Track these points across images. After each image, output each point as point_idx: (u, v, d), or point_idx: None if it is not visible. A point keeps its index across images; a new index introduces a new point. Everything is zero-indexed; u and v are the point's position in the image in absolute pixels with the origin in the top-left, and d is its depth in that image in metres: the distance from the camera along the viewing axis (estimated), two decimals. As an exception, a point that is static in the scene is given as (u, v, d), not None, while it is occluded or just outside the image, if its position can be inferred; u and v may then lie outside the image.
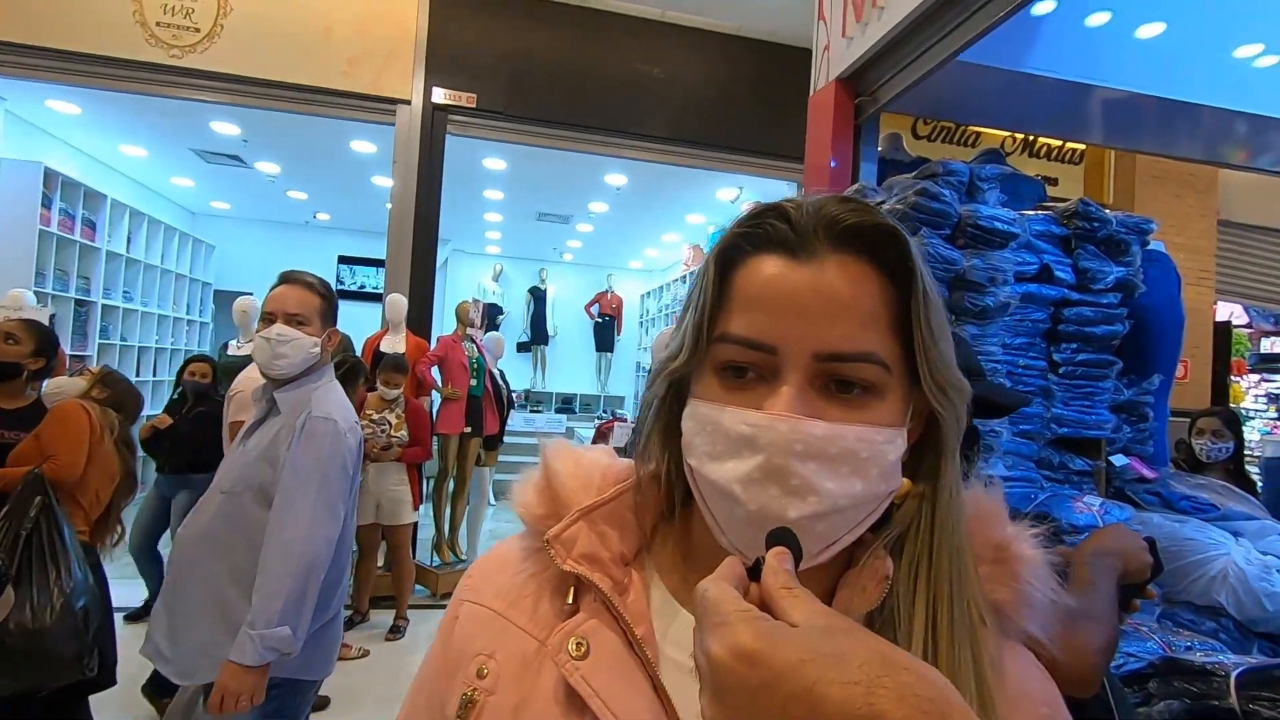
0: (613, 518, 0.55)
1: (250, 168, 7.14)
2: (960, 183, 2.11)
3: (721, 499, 0.47)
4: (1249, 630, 1.92)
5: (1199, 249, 5.35)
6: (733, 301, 0.49)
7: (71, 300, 6.04)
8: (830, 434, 0.45)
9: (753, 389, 0.47)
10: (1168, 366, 2.48)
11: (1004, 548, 0.53)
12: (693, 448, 0.49)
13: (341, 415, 1.73)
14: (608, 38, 5.20)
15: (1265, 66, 3.14)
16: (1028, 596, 0.51)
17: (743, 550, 0.46)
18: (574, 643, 0.49)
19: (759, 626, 0.34)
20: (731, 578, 0.40)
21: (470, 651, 0.54)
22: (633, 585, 0.53)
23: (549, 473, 0.57)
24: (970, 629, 0.46)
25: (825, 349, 0.45)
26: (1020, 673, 0.50)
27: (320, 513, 1.61)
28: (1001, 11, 2.27)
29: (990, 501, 0.55)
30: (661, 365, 0.53)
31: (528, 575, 0.56)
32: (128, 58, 4.47)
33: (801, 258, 0.47)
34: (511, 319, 10.86)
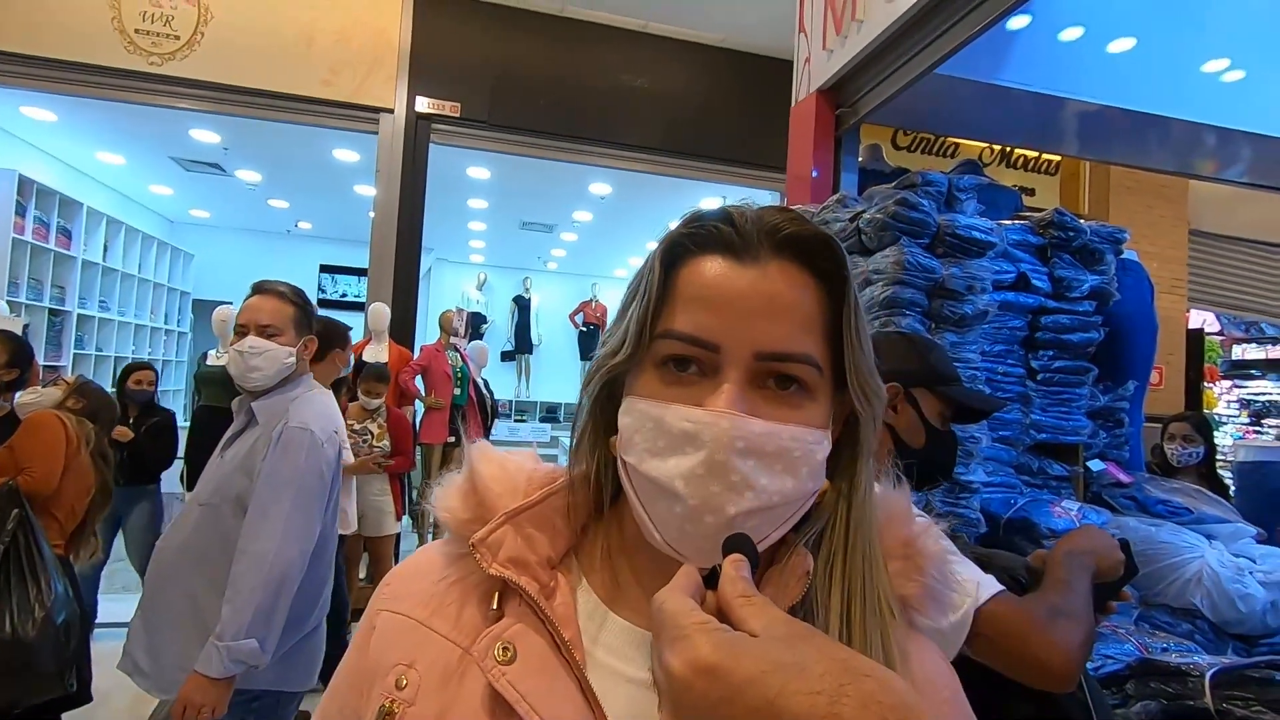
0: (539, 520, 0.54)
1: (231, 176, 7.08)
2: (939, 193, 2.14)
3: (660, 496, 0.47)
4: (1223, 631, 1.95)
5: (1171, 258, 5.47)
6: (676, 299, 0.49)
7: (46, 310, 5.94)
8: (768, 431, 0.46)
9: (693, 385, 0.48)
10: (1142, 373, 2.53)
11: (910, 544, 0.54)
12: (631, 445, 0.49)
13: (320, 425, 1.70)
14: (592, 48, 5.23)
15: (1231, 81, 3.23)
16: (932, 591, 0.53)
17: (675, 548, 0.47)
18: (500, 647, 0.48)
19: (718, 638, 0.34)
20: (688, 587, 0.40)
21: (388, 662, 0.52)
22: (559, 588, 0.52)
23: (474, 476, 0.56)
24: (880, 619, 0.48)
25: (766, 348, 0.47)
26: (925, 661, 0.52)
27: (294, 525, 1.58)
28: (978, 25, 2.32)
29: (898, 501, 0.57)
30: (600, 361, 0.52)
31: (450, 581, 0.55)
32: (106, 65, 4.42)
33: (745, 260, 0.48)
34: (496, 328, 10.82)
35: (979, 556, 1.25)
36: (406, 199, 4.91)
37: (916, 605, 0.53)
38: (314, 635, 1.78)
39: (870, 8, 2.73)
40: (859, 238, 2.15)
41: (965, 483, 1.91)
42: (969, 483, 1.92)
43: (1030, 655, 0.94)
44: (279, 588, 1.53)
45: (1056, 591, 1.01)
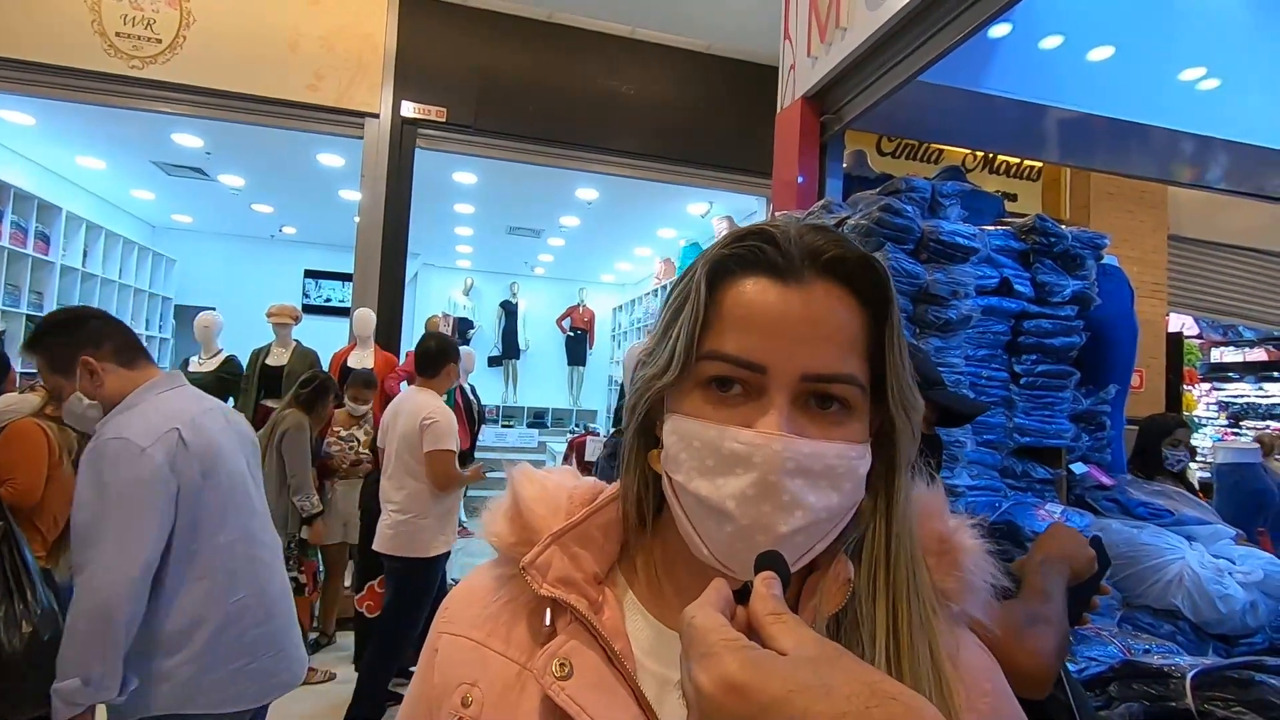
0: (583, 539, 0.56)
1: (214, 180, 7.01)
2: (923, 199, 2.16)
3: (709, 514, 0.48)
4: (1204, 632, 1.98)
5: (1151, 262, 5.55)
6: (722, 320, 0.50)
7: (23, 316, 5.84)
8: (815, 451, 0.47)
9: (738, 406, 0.49)
10: (1123, 376, 2.56)
11: (946, 540, 0.56)
12: (678, 463, 0.50)
13: (141, 432, 1.49)
14: (578, 54, 5.24)
15: (1208, 89, 3.29)
16: (970, 583, 0.55)
17: (725, 564, 0.48)
18: (557, 664, 0.51)
19: (746, 657, 0.35)
20: (718, 602, 0.41)
21: (453, 682, 0.55)
22: (607, 603, 0.55)
23: (517, 499, 0.58)
24: (926, 625, 0.49)
25: (812, 370, 0.48)
26: (968, 656, 0.54)
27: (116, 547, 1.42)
28: (960, 34, 2.35)
29: (932, 498, 0.58)
30: (647, 383, 0.53)
31: (503, 602, 0.57)
32: (86, 68, 4.37)
33: (791, 283, 0.49)
34: (482, 333, 10.78)
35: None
36: (392, 204, 4.88)
37: (955, 598, 0.54)
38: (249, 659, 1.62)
39: (854, 16, 2.75)
40: (844, 243, 2.16)
41: (950, 487, 1.93)
42: (953, 487, 1.94)
43: (1009, 660, 0.95)
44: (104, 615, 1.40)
45: (1033, 599, 1.03)
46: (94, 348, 1.58)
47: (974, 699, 0.51)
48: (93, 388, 1.58)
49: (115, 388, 1.59)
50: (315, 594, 3.85)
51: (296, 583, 3.61)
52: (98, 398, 1.59)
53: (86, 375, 1.57)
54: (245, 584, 1.64)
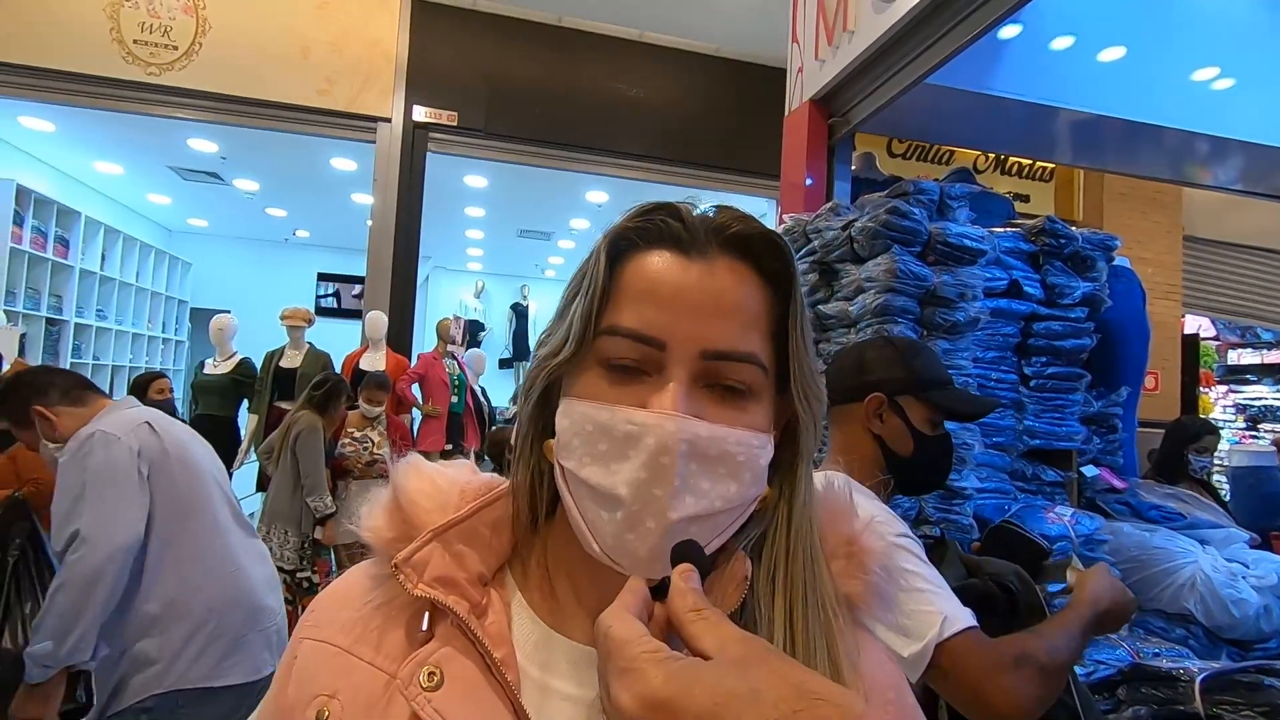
0: (470, 536, 0.51)
1: (229, 185, 7.10)
2: (930, 201, 2.16)
3: (600, 502, 0.45)
4: (1218, 637, 1.96)
5: (1166, 264, 5.50)
6: (621, 294, 0.47)
7: (43, 319, 5.94)
8: (713, 435, 0.44)
9: (635, 384, 0.46)
10: (1135, 379, 2.54)
11: (853, 542, 0.54)
12: (569, 449, 0.47)
13: (113, 425, 1.65)
14: (587, 57, 5.26)
15: (1221, 89, 3.26)
16: (876, 587, 0.52)
17: (613, 557, 0.45)
18: (425, 673, 0.46)
19: (669, 669, 0.33)
20: (635, 605, 0.39)
21: (309, 693, 0.49)
22: (492, 606, 0.50)
23: (399, 491, 0.53)
24: (825, 626, 0.47)
25: (713, 347, 0.45)
26: (870, 662, 0.51)
27: (96, 523, 1.54)
28: (968, 35, 2.35)
29: (838, 499, 0.56)
30: (541, 362, 0.50)
31: (376, 605, 0.51)
32: (104, 75, 4.44)
33: (694, 256, 0.47)
34: (493, 335, 10.83)
35: (969, 562, 1.26)
36: (404, 207, 4.93)
37: (861, 602, 0.52)
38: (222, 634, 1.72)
39: (861, 18, 2.75)
40: (851, 246, 2.17)
41: (958, 489, 1.92)
42: (962, 489, 1.93)
43: (981, 697, 0.93)
44: (85, 585, 1.51)
45: (1048, 635, 0.99)
46: (41, 396, 1.72)
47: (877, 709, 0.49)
48: (52, 431, 1.71)
49: (71, 426, 1.70)
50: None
51: (310, 582, 3.65)
52: (58, 439, 1.70)
53: (44, 422, 1.71)
54: (221, 566, 1.74)
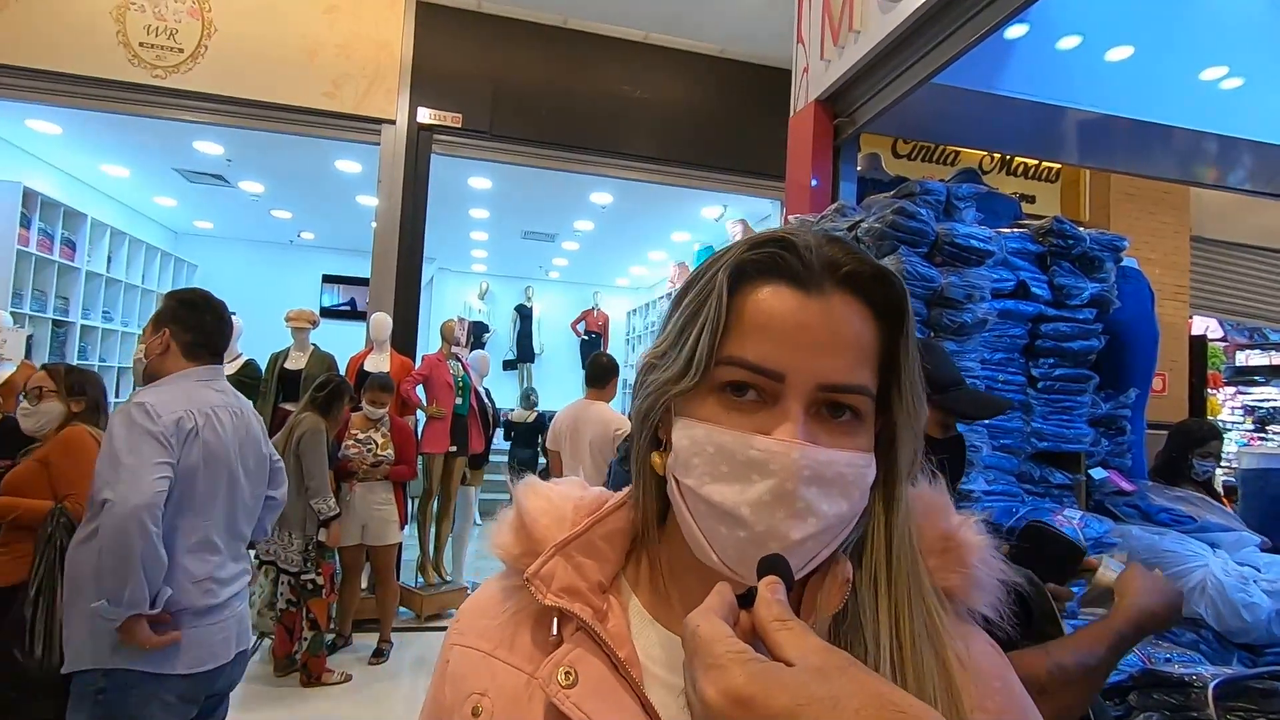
0: (587, 548, 0.57)
1: (234, 187, 7.12)
2: (937, 201, 2.14)
3: (722, 520, 0.48)
4: (1229, 641, 1.94)
5: (1173, 264, 5.47)
6: (742, 325, 0.50)
7: (50, 321, 5.97)
8: (829, 460, 0.47)
9: (753, 413, 0.49)
10: (1143, 380, 2.52)
11: (951, 537, 0.56)
12: (689, 467, 0.50)
13: (159, 403, 1.74)
14: (592, 59, 5.26)
15: (1230, 88, 3.24)
16: (976, 579, 0.55)
17: (734, 569, 0.48)
18: (562, 672, 0.51)
19: (753, 669, 0.35)
20: (721, 608, 0.41)
21: (464, 693, 0.56)
22: (612, 610, 0.55)
23: (521, 512, 0.59)
24: (930, 625, 0.49)
25: (829, 380, 0.48)
26: (976, 652, 0.53)
27: (129, 484, 1.63)
28: (975, 35, 2.33)
29: (935, 496, 0.58)
30: (662, 388, 0.53)
31: (511, 613, 0.58)
32: (110, 78, 4.46)
33: (811, 292, 0.49)
34: (497, 337, 10.84)
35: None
36: (408, 209, 4.93)
37: (962, 595, 0.54)
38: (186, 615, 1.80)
39: (868, 18, 2.74)
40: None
41: (965, 491, 1.91)
42: (969, 491, 1.92)
43: None
44: (122, 541, 1.59)
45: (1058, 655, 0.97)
46: (180, 328, 1.89)
47: (984, 698, 0.51)
48: (153, 353, 1.87)
49: (165, 366, 1.87)
50: (332, 596, 3.89)
51: (314, 584, 3.65)
52: (149, 361, 1.87)
53: (158, 341, 1.88)
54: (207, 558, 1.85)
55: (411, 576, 5.08)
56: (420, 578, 5.08)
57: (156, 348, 1.87)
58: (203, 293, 2.04)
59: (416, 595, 4.77)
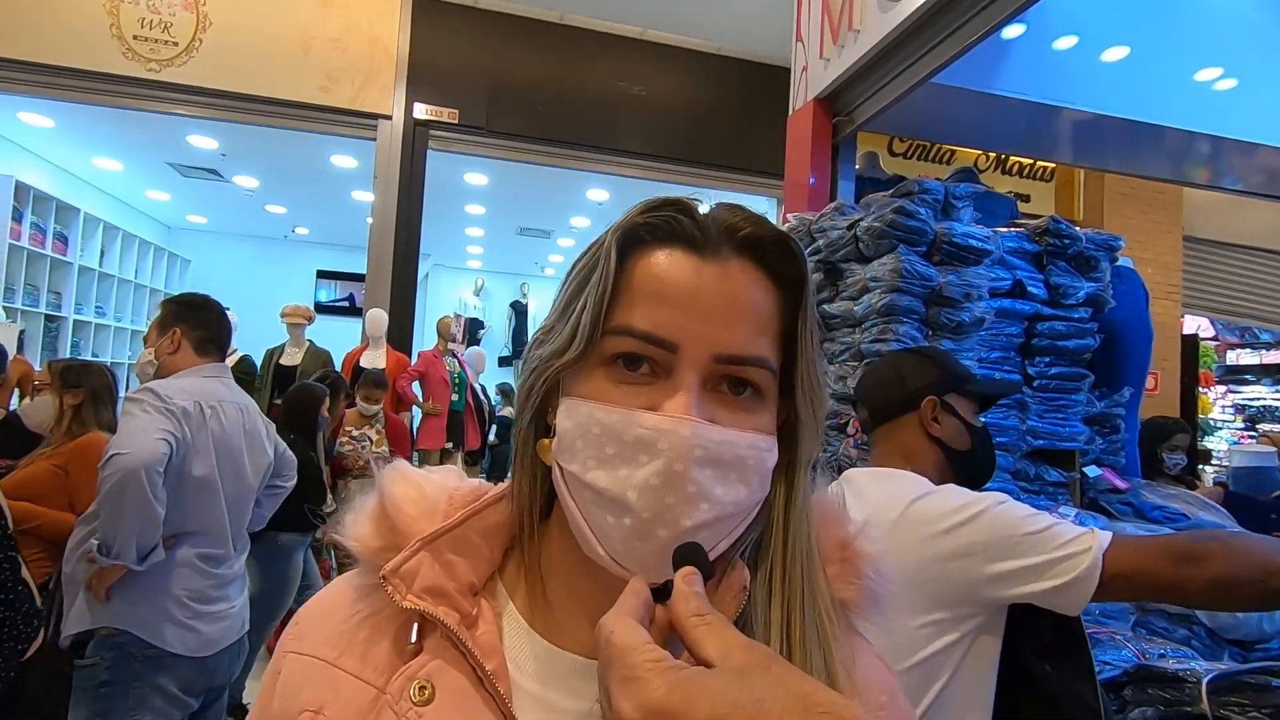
0: (460, 544, 0.50)
1: (228, 182, 7.08)
2: (935, 201, 2.15)
3: (607, 507, 0.44)
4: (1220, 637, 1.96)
5: (1166, 264, 5.51)
6: (632, 293, 0.46)
7: (42, 315, 5.93)
8: (726, 439, 0.44)
9: (644, 386, 0.45)
10: (1137, 379, 2.54)
11: (847, 546, 0.53)
12: (573, 451, 0.45)
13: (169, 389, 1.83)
14: (589, 55, 5.25)
15: (1224, 89, 3.26)
16: (871, 591, 0.52)
17: (621, 563, 0.44)
18: (416, 687, 0.45)
19: (671, 679, 0.33)
20: (637, 609, 0.39)
21: (294, 708, 0.48)
22: (482, 616, 0.49)
23: (385, 500, 0.51)
24: (821, 632, 0.46)
25: (725, 350, 0.44)
26: (864, 666, 0.51)
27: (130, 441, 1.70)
28: (973, 36, 2.35)
29: (831, 502, 0.55)
30: (545, 361, 0.48)
31: (363, 616, 0.50)
32: (104, 71, 4.43)
33: (707, 256, 0.46)
34: (493, 333, 10.82)
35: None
36: (404, 205, 4.92)
37: (855, 608, 0.52)
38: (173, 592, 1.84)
39: (867, 17, 2.75)
40: (856, 245, 2.16)
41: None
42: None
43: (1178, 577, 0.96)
44: (119, 492, 1.65)
45: None
46: (189, 326, 1.97)
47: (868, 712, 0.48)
48: (164, 353, 1.95)
49: (176, 363, 1.95)
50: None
51: (310, 581, 3.65)
52: (161, 361, 1.95)
53: (168, 341, 1.95)
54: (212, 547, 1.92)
55: (407, 573, 5.06)
56: (416, 574, 5.06)
57: (167, 348, 1.95)
58: (202, 294, 2.11)
59: (412, 592, 4.76)
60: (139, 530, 1.69)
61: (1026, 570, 1.01)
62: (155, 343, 1.96)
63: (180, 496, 1.82)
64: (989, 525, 1.05)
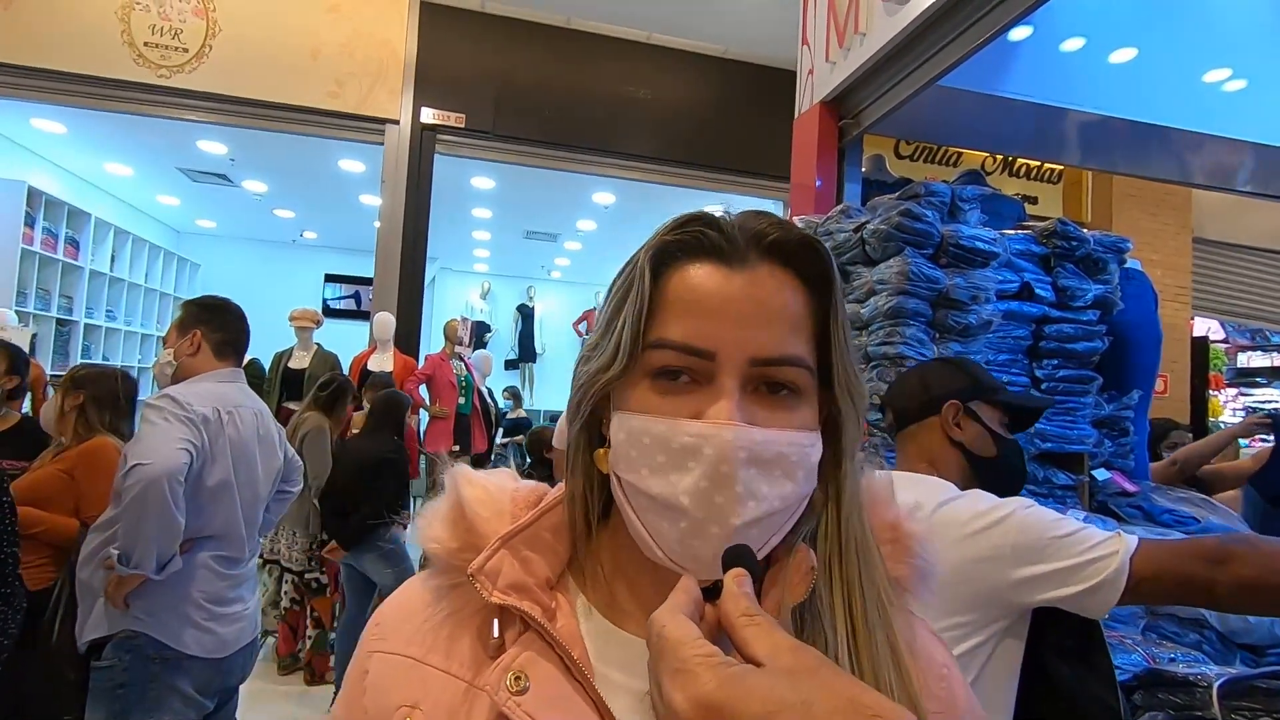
0: (533, 542, 0.53)
1: (237, 186, 7.13)
2: (942, 203, 2.15)
3: (661, 511, 0.46)
4: (1231, 641, 1.94)
5: (1175, 266, 5.48)
6: (667, 307, 0.48)
7: (53, 320, 5.98)
8: (767, 439, 0.46)
9: (688, 395, 0.47)
10: (1146, 382, 2.53)
11: (897, 527, 0.55)
12: (628, 461, 0.48)
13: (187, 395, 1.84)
14: (595, 59, 5.27)
15: (1233, 90, 3.25)
16: (922, 571, 0.54)
17: (679, 562, 0.46)
18: (511, 678, 0.47)
19: (722, 674, 0.34)
20: (688, 605, 0.40)
21: (389, 706, 0.50)
22: (560, 609, 0.51)
23: (460, 502, 0.54)
24: (882, 611, 0.48)
25: (760, 354, 0.47)
26: (922, 643, 0.54)
27: (150, 451, 1.71)
28: (980, 38, 2.34)
29: (880, 485, 0.57)
30: (591, 378, 0.51)
31: (444, 615, 0.53)
32: (115, 77, 4.47)
33: (735, 265, 0.48)
34: (499, 337, 10.85)
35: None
36: (411, 209, 4.94)
37: (908, 586, 0.54)
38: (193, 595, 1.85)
39: (873, 21, 2.75)
40: (863, 248, 2.16)
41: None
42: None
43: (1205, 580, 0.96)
44: (140, 502, 1.65)
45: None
46: (209, 329, 1.98)
47: (931, 685, 0.51)
48: (183, 355, 1.96)
49: (195, 365, 1.96)
50: (336, 594, 3.89)
51: (318, 583, 3.66)
52: (180, 362, 1.95)
53: (188, 343, 1.95)
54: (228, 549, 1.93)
55: (414, 575, 5.08)
56: (423, 577, 5.08)
57: (187, 349, 1.95)
58: (222, 297, 2.11)
59: (419, 594, 4.77)
60: (159, 540, 1.70)
61: (1054, 574, 1.01)
62: (175, 344, 1.96)
63: (199, 501, 1.83)
64: (1016, 529, 1.04)
